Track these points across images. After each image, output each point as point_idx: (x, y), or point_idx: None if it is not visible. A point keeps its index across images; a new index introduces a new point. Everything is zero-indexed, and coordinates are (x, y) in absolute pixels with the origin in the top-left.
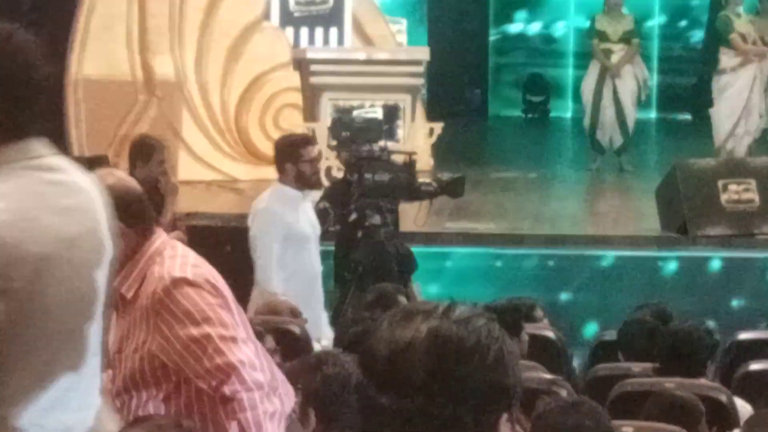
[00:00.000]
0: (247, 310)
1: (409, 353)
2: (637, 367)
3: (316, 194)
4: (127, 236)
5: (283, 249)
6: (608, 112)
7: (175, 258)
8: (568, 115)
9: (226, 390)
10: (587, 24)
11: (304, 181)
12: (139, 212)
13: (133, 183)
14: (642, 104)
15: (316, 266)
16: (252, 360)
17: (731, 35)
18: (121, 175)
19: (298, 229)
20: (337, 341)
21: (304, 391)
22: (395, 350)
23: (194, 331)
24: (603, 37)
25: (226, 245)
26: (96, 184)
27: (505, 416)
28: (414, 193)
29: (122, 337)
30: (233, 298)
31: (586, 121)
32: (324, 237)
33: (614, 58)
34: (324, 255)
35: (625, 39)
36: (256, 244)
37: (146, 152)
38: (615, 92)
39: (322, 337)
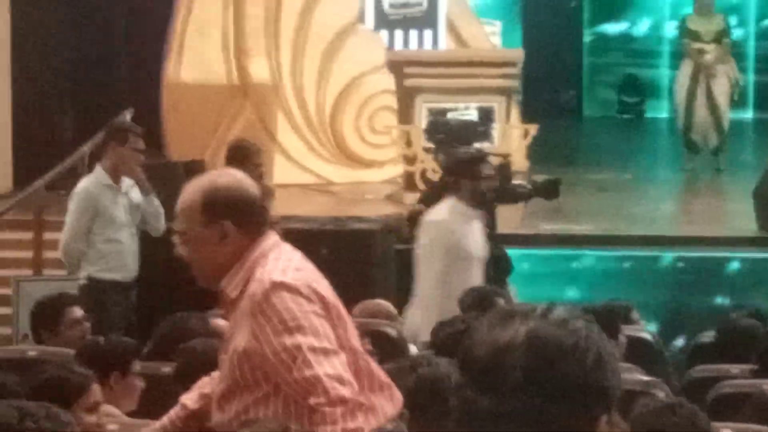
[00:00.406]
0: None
1: (508, 354)
2: (735, 368)
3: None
4: (236, 236)
5: (447, 266)
6: (702, 112)
7: (278, 261)
8: (664, 115)
9: (311, 401)
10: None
11: (479, 199)
12: (248, 213)
13: (247, 183)
14: (739, 104)
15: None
16: (339, 374)
17: None
18: (237, 175)
19: (467, 247)
20: (431, 343)
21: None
22: (494, 351)
23: (287, 340)
24: (695, 36)
25: (322, 248)
26: None
27: (604, 418)
28: (508, 195)
29: (227, 339)
30: (336, 302)
31: (680, 122)
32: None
33: (708, 58)
34: None
35: (717, 38)
36: (422, 257)
37: (242, 156)
38: (709, 92)
39: None
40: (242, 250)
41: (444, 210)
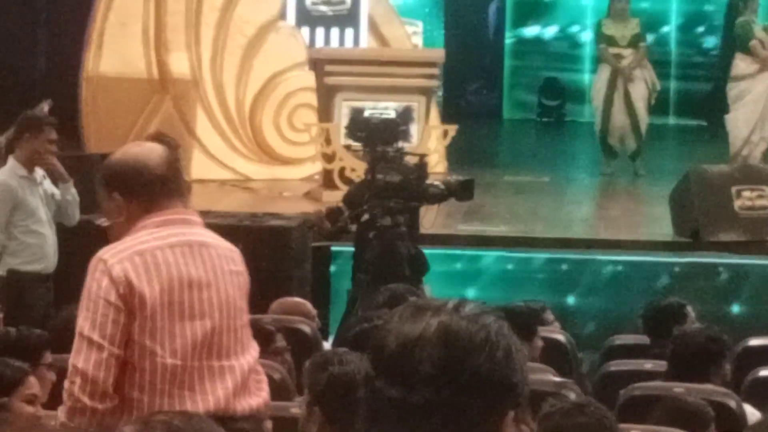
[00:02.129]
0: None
1: (418, 346)
2: (648, 363)
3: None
4: (126, 208)
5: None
6: (619, 116)
7: (135, 238)
8: (584, 119)
9: (65, 383)
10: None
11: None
12: (137, 185)
13: (146, 156)
14: (658, 110)
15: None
16: (86, 370)
17: (752, 42)
18: (141, 148)
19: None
20: (340, 340)
21: (310, 390)
22: (405, 343)
23: (79, 317)
24: (611, 41)
25: (239, 244)
26: None
27: (511, 414)
28: (422, 195)
29: None
30: (159, 301)
31: (598, 126)
32: (342, 237)
33: (625, 63)
34: (344, 255)
35: (633, 43)
36: None
37: None
38: (627, 97)
39: None
40: (133, 222)
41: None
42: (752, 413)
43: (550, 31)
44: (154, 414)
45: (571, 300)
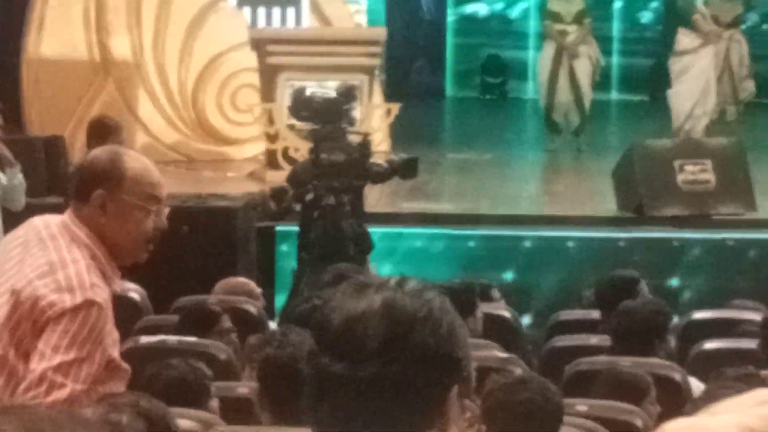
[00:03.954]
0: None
1: (363, 322)
2: (594, 338)
3: None
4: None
5: None
6: (564, 92)
7: None
8: (528, 96)
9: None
10: None
11: None
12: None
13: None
14: (601, 85)
15: None
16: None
17: (694, 16)
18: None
19: None
20: (285, 318)
21: (254, 371)
22: (349, 319)
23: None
24: (557, 18)
25: (183, 225)
26: None
27: (455, 389)
28: (366, 173)
29: None
30: None
31: (542, 102)
32: (286, 217)
33: (569, 39)
34: (289, 235)
35: (578, 19)
36: None
37: (102, 133)
38: (572, 73)
39: None
40: None
41: None
42: (697, 386)
43: (492, 9)
44: (119, 395)
45: (516, 276)
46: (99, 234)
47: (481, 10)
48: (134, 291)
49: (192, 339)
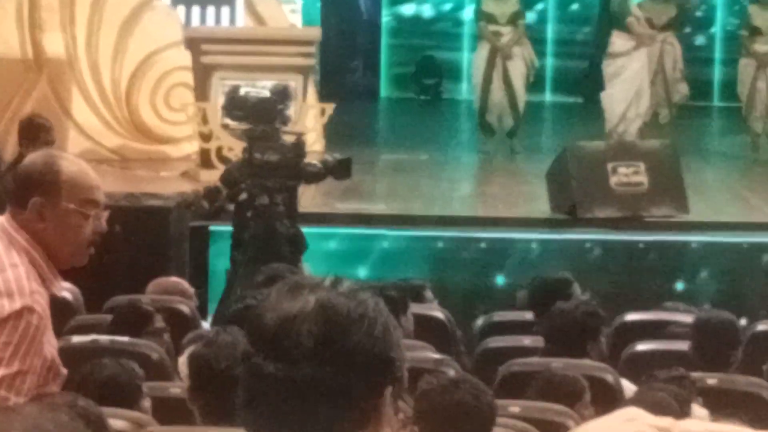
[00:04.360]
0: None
1: (298, 322)
2: (527, 339)
3: None
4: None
5: None
6: (498, 94)
7: None
8: (462, 97)
9: None
10: None
11: None
12: None
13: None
14: (535, 87)
15: None
16: None
17: (628, 19)
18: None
19: None
20: (218, 318)
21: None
22: (284, 320)
23: None
24: (491, 19)
25: (116, 225)
26: None
27: (389, 389)
28: (299, 174)
29: None
30: None
31: (476, 104)
32: (220, 216)
33: (504, 40)
34: (222, 235)
35: (512, 21)
36: None
37: (33, 132)
38: (505, 74)
39: None
40: None
41: None
42: (629, 387)
43: (427, 9)
44: (55, 395)
45: (449, 277)
46: (38, 239)
47: (416, 10)
48: (67, 290)
49: (124, 339)
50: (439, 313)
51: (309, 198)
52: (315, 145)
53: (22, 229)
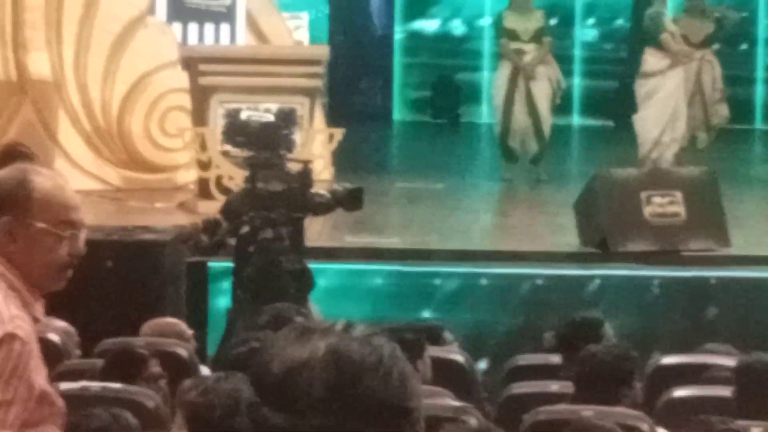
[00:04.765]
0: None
1: (307, 370)
2: (555, 385)
3: None
4: None
5: None
6: (521, 117)
7: None
8: (482, 120)
9: None
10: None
11: None
12: None
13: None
14: (562, 109)
15: None
16: None
17: (663, 35)
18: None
19: None
20: (218, 362)
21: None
22: (292, 367)
23: None
24: (513, 35)
25: (108, 261)
26: None
27: None
28: (307, 205)
29: None
30: None
31: (497, 128)
32: (220, 252)
33: (527, 59)
34: (222, 272)
35: (536, 37)
36: None
37: (13, 163)
38: (529, 95)
39: None
40: None
41: None
42: None
43: (444, 26)
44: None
45: (469, 317)
46: (9, 261)
47: (432, 26)
48: (58, 330)
49: (117, 385)
50: (459, 356)
51: (316, 231)
52: (323, 174)
53: None
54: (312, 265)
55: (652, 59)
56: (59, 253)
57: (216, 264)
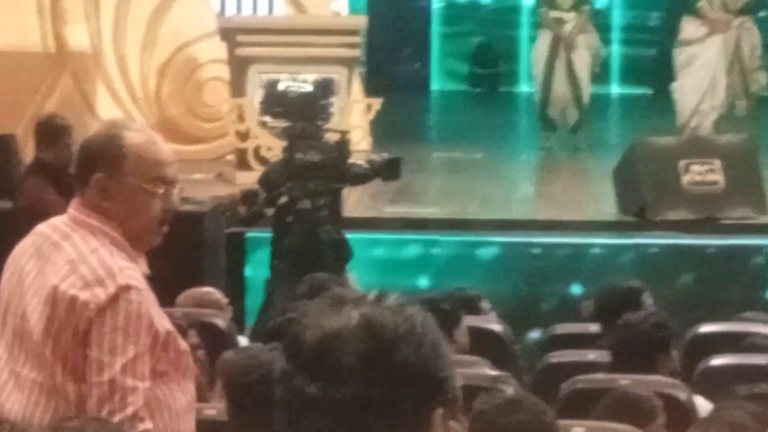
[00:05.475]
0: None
1: (340, 340)
2: (592, 354)
3: None
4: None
5: None
6: (561, 86)
7: None
8: (521, 90)
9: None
10: None
11: None
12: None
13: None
14: (601, 78)
15: None
16: None
17: (701, 2)
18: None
19: None
20: (257, 332)
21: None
22: (325, 337)
23: None
24: (552, 4)
25: None
26: None
27: (440, 411)
28: (345, 175)
29: None
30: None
31: (537, 97)
32: (258, 222)
33: (567, 28)
34: (260, 242)
35: (576, 6)
36: None
37: (52, 135)
38: (569, 64)
39: None
40: None
41: None
42: (703, 405)
43: None
44: (67, 419)
45: (509, 287)
46: (106, 219)
47: None
48: None
49: None
50: (496, 326)
51: (354, 201)
52: (361, 144)
53: (92, 211)
54: (350, 236)
55: (689, 27)
56: (153, 209)
57: (254, 234)
